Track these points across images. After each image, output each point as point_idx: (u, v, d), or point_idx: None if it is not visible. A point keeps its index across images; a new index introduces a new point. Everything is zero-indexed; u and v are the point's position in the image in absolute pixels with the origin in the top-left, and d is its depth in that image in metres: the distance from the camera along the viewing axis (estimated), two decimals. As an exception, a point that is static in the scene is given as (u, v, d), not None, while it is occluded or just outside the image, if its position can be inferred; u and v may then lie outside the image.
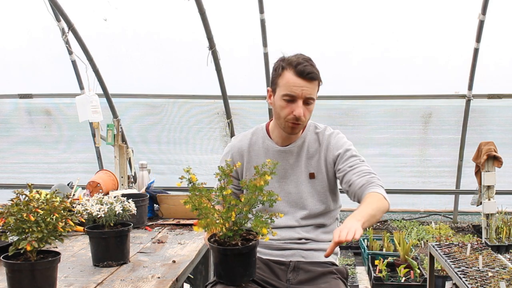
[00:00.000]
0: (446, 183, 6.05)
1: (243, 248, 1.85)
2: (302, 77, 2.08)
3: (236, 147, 2.31)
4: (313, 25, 5.33)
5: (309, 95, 2.10)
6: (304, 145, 2.23)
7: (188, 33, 5.38)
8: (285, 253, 2.20)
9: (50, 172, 6.36)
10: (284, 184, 2.23)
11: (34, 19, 5.30)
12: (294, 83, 2.09)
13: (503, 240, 3.32)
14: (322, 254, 2.22)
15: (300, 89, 2.09)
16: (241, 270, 1.89)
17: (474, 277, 2.76)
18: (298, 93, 2.09)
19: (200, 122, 6.11)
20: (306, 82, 2.09)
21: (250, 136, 2.32)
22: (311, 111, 2.16)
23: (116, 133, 4.19)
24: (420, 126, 5.93)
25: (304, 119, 2.13)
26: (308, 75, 2.09)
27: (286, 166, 2.23)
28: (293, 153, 2.23)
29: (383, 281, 4.28)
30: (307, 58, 2.14)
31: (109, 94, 5.69)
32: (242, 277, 1.90)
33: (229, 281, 1.90)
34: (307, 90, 2.09)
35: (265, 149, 2.26)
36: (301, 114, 2.10)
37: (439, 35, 5.29)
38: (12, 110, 6.29)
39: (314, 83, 2.12)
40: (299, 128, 2.18)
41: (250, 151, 2.28)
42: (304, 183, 2.21)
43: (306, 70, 2.08)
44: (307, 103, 2.12)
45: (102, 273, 2.14)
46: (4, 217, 1.76)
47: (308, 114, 2.15)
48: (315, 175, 2.20)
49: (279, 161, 2.18)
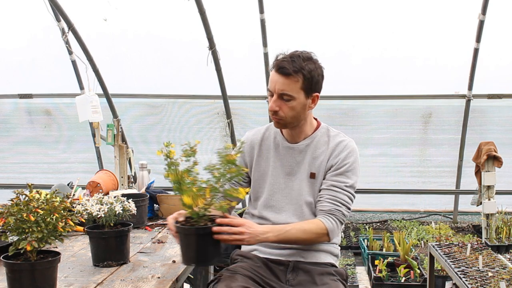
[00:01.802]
0: (446, 183, 6.04)
1: (215, 226, 1.89)
2: (277, 72, 2.10)
3: (249, 140, 2.34)
4: (313, 25, 5.33)
5: (281, 91, 2.10)
6: (312, 144, 2.23)
7: (188, 33, 5.38)
8: (284, 252, 2.20)
9: (50, 172, 6.36)
10: (289, 181, 2.24)
11: (34, 19, 5.30)
12: (272, 78, 2.13)
13: (503, 240, 3.32)
14: (322, 255, 2.23)
15: (275, 83, 2.11)
16: (212, 249, 1.91)
17: (474, 277, 2.76)
18: (273, 87, 2.12)
19: (200, 122, 6.11)
20: (280, 77, 2.09)
21: (264, 131, 2.34)
22: (293, 107, 2.12)
23: (116, 133, 4.18)
24: (420, 126, 5.93)
25: (283, 114, 2.13)
26: (280, 70, 2.09)
27: (292, 163, 2.24)
28: (300, 150, 2.24)
29: (383, 281, 4.28)
30: (294, 54, 2.12)
31: (109, 94, 5.69)
32: (214, 256, 1.93)
33: (202, 262, 1.94)
34: (280, 86, 2.10)
35: (275, 144, 2.29)
36: (273, 108, 2.12)
37: (439, 35, 5.29)
38: (12, 110, 6.28)
39: (290, 78, 2.08)
40: (282, 124, 2.18)
41: (262, 145, 2.31)
42: (305, 182, 2.22)
43: (280, 65, 2.09)
44: (284, 99, 2.11)
45: (102, 273, 2.14)
46: (4, 217, 1.76)
47: (288, 110, 2.12)
48: (316, 175, 2.21)
49: (287, 157, 2.23)
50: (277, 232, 2.04)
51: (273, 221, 2.21)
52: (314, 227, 2.09)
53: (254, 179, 2.30)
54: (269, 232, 2.02)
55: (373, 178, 6.06)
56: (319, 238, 2.11)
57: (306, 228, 2.09)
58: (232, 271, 2.11)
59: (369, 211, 6.22)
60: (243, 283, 2.02)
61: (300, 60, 2.09)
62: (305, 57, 2.12)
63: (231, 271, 2.12)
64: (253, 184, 2.31)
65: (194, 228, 1.89)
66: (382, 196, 6.12)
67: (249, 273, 2.11)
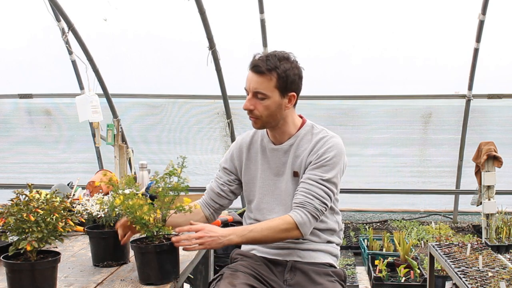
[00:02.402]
0: (446, 183, 6.04)
1: (171, 244, 1.92)
2: (252, 70, 2.10)
3: (238, 144, 2.35)
4: (313, 25, 5.33)
5: (255, 89, 2.09)
6: (294, 144, 2.22)
7: (188, 33, 5.38)
8: (281, 252, 2.20)
9: (50, 172, 6.36)
10: (277, 182, 2.24)
11: (34, 19, 5.31)
12: (247, 77, 2.13)
13: (503, 240, 3.32)
14: (320, 255, 2.22)
15: (249, 82, 2.12)
16: (170, 267, 1.95)
17: (474, 277, 2.76)
18: (248, 86, 2.12)
19: (200, 122, 6.12)
20: (254, 75, 2.09)
21: (253, 134, 2.34)
22: (267, 106, 2.10)
23: (116, 133, 4.19)
24: (420, 126, 5.93)
25: (258, 113, 2.12)
26: (254, 68, 2.09)
27: (278, 164, 2.23)
28: (285, 151, 2.22)
29: (383, 281, 4.28)
30: (270, 54, 2.11)
31: (109, 94, 5.69)
32: (171, 274, 1.96)
33: (159, 280, 1.94)
34: (254, 84, 2.09)
35: (262, 147, 2.28)
36: (247, 106, 2.11)
37: (439, 35, 5.29)
38: (12, 110, 6.29)
39: (263, 76, 2.07)
40: (260, 124, 2.17)
41: (250, 149, 2.31)
42: (290, 181, 2.21)
43: (254, 63, 2.09)
44: (258, 97, 2.10)
45: (102, 273, 2.14)
46: (4, 217, 1.76)
47: (262, 109, 2.11)
48: (299, 173, 2.19)
49: (273, 159, 2.23)
50: (241, 233, 2.02)
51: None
52: (281, 223, 2.04)
53: (245, 183, 2.31)
54: (232, 234, 1.99)
55: (373, 178, 6.06)
56: (288, 233, 2.05)
57: (272, 225, 2.04)
58: (233, 269, 2.12)
59: (369, 211, 6.21)
60: (245, 280, 2.03)
61: (275, 59, 2.08)
62: (281, 56, 2.10)
63: (232, 269, 2.13)
64: (244, 188, 2.32)
65: (151, 246, 1.93)
66: (382, 196, 6.12)
67: (250, 271, 2.11)
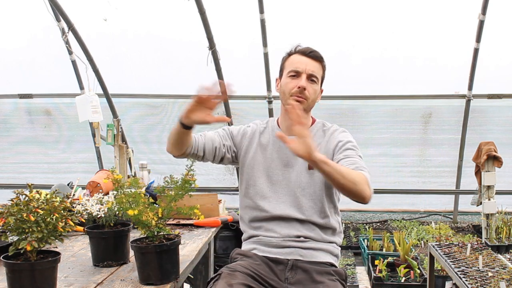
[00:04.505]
0: (446, 183, 6.04)
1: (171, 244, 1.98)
2: (305, 55, 2.24)
3: (253, 127, 2.40)
4: (313, 25, 5.33)
5: (312, 72, 2.22)
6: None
7: (188, 33, 5.38)
8: (283, 251, 2.21)
9: (50, 172, 6.36)
10: (286, 172, 2.27)
11: (34, 19, 5.30)
12: (299, 61, 2.23)
13: (503, 240, 3.32)
14: (321, 254, 2.23)
15: (304, 64, 2.22)
16: (170, 267, 1.99)
17: (474, 277, 2.76)
18: (302, 67, 2.22)
19: (200, 122, 6.10)
20: (310, 59, 2.23)
21: (267, 121, 2.44)
22: (316, 91, 2.25)
23: (116, 133, 4.19)
24: (420, 126, 5.93)
25: (308, 94, 2.21)
26: (311, 53, 2.24)
27: (289, 154, 2.23)
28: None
29: (383, 281, 4.28)
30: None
31: (109, 94, 5.69)
32: (171, 274, 2.00)
33: (159, 280, 1.97)
34: (311, 67, 2.22)
35: (274, 136, 2.33)
36: (304, 85, 2.19)
37: (439, 35, 5.28)
38: (12, 110, 6.28)
39: (318, 62, 2.25)
40: (304, 104, 2.22)
41: (262, 135, 2.36)
42: (303, 173, 2.24)
43: (309, 49, 2.26)
44: (311, 80, 2.22)
45: (102, 273, 2.14)
46: (4, 217, 1.76)
47: (312, 92, 2.23)
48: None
49: (284, 149, 2.25)
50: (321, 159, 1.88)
51: (271, 212, 2.23)
52: (356, 173, 2.01)
53: (247, 165, 2.32)
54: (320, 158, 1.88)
55: (373, 178, 5.94)
56: (359, 186, 1.97)
57: (348, 171, 1.99)
58: (231, 269, 2.12)
59: (369, 211, 6.21)
60: (242, 280, 2.03)
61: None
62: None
63: (230, 269, 2.13)
64: (246, 170, 2.33)
65: (151, 246, 1.97)
66: (382, 196, 6.11)
67: (249, 271, 2.11)
